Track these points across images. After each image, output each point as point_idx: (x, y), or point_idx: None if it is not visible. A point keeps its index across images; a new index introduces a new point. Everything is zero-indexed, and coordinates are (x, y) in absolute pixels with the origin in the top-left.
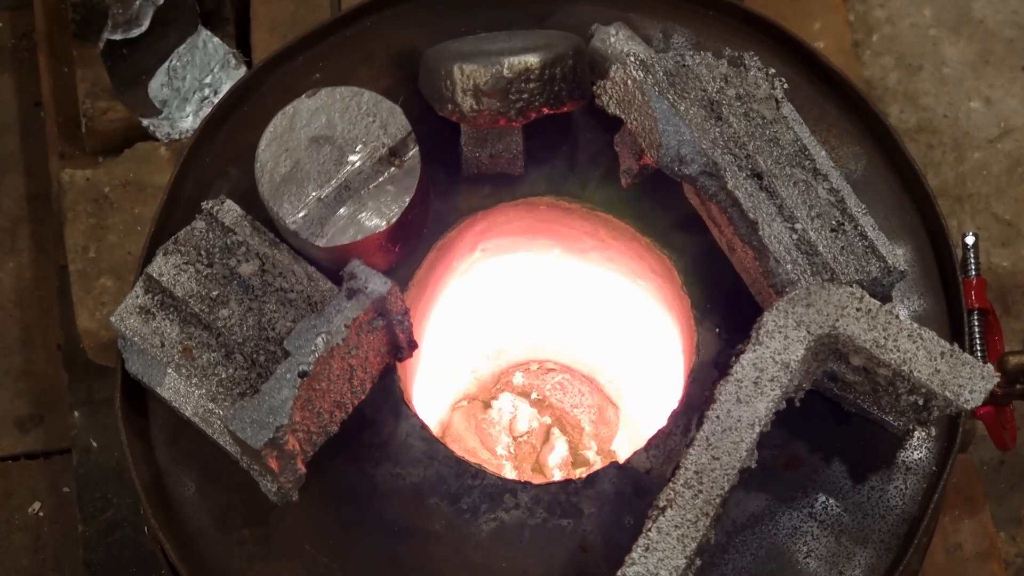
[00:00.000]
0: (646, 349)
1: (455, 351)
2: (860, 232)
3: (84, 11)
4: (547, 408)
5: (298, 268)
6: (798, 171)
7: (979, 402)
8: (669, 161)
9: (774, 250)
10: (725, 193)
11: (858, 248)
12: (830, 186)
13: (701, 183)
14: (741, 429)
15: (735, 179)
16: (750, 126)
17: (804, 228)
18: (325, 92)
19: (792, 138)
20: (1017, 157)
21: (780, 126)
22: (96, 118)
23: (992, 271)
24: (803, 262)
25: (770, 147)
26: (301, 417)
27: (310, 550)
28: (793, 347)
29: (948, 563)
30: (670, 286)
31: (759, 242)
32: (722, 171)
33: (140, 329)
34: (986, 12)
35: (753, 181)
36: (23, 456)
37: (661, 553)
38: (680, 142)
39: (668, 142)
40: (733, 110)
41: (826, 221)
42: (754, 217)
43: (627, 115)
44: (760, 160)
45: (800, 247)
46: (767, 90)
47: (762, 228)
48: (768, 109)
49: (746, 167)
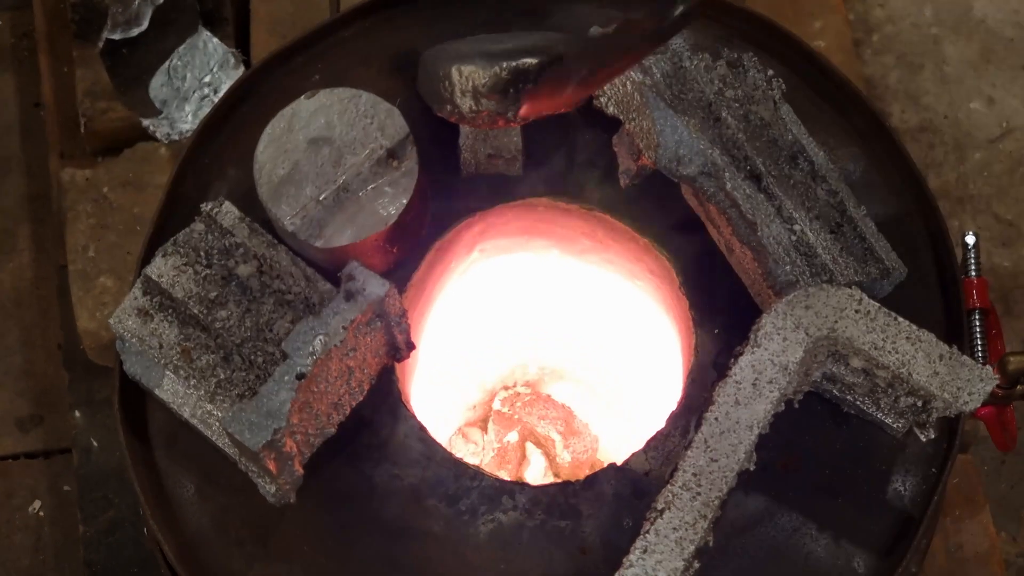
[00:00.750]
0: (644, 350)
1: (454, 352)
2: (859, 234)
3: (84, 11)
4: (516, 423)
5: (296, 269)
6: (797, 172)
7: (978, 404)
8: (667, 162)
9: (773, 251)
10: (724, 194)
11: (857, 250)
12: (829, 187)
13: (699, 184)
14: (740, 431)
15: (734, 180)
16: (749, 128)
17: (803, 229)
18: (324, 93)
19: (791, 139)
20: (1018, 157)
21: (779, 127)
22: (96, 118)
23: (993, 271)
24: (802, 263)
25: (769, 148)
26: (299, 419)
27: (308, 551)
28: (791, 349)
29: (949, 563)
30: (668, 287)
31: (758, 243)
32: (721, 172)
33: (138, 330)
34: (987, 11)
35: (752, 182)
36: (23, 456)
37: (659, 555)
38: (678, 143)
39: (666, 143)
40: (732, 111)
41: (825, 222)
42: (753, 218)
43: (625, 116)
44: (759, 161)
45: (799, 248)
46: (765, 91)
47: (761, 229)
48: (766, 110)
49: (744, 168)
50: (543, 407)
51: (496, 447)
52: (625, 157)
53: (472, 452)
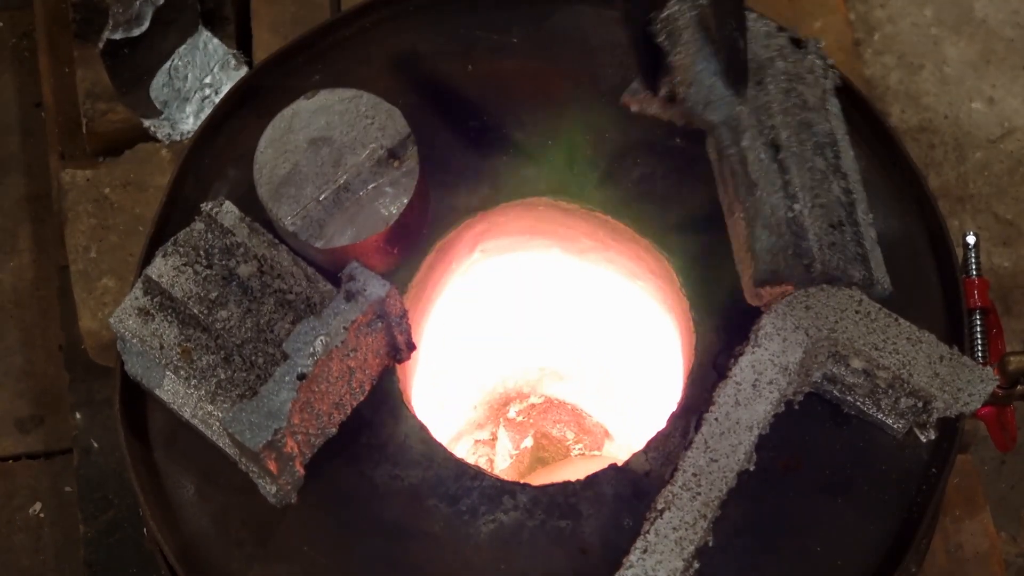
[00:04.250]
0: (645, 350)
1: (455, 352)
2: (857, 238)
3: (85, 11)
4: (529, 427)
5: (297, 270)
6: (819, 160)
7: (978, 406)
8: (695, 102)
9: (764, 216)
10: (737, 148)
11: (849, 251)
12: (846, 186)
13: (719, 133)
14: (740, 431)
15: (752, 141)
16: (786, 101)
17: (802, 211)
18: (324, 94)
19: (827, 130)
20: (1018, 157)
21: (819, 114)
22: (97, 119)
23: (993, 271)
24: (788, 238)
25: (799, 128)
26: (300, 419)
27: (309, 552)
28: (792, 350)
29: (949, 563)
30: (669, 287)
31: (753, 205)
32: (742, 128)
33: (139, 331)
34: (987, 11)
35: (770, 150)
36: (24, 456)
37: (659, 555)
38: (711, 88)
39: (701, 81)
40: (776, 81)
41: (828, 215)
42: (755, 179)
43: (673, 48)
44: (783, 134)
45: (790, 226)
46: (818, 78)
47: (759, 192)
48: (812, 95)
49: (767, 135)
50: (556, 412)
51: (513, 454)
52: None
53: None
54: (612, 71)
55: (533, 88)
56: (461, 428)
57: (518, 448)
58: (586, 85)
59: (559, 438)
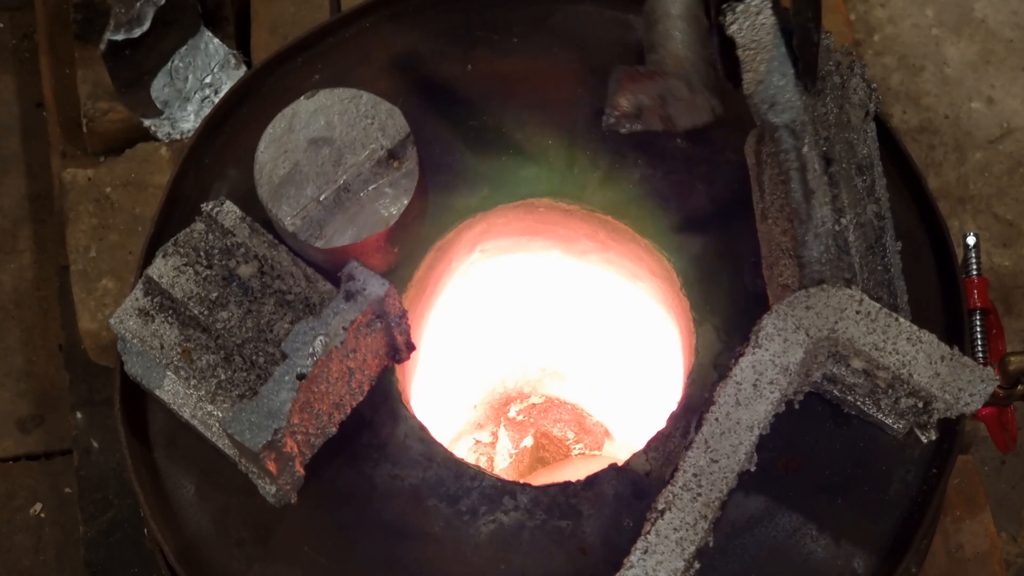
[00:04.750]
0: (645, 350)
1: (454, 352)
2: (886, 264)
3: (86, 11)
4: (529, 426)
5: (297, 270)
6: (859, 182)
7: (979, 406)
8: (761, 100)
9: (815, 224)
10: (796, 154)
11: (879, 275)
12: (878, 211)
13: (779, 136)
14: (740, 431)
15: (812, 149)
16: (840, 117)
17: (847, 226)
18: (324, 94)
19: (865, 152)
20: (1018, 158)
21: (859, 136)
22: (97, 118)
23: (993, 271)
24: (835, 250)
25: (846, 147)
26: (299, 419)
27: (309, 552)
28: (792, 350)
29: (949, 564)
30: (669, 288)
31: (806, 212)
32: (804, 134)
33: (139, 331)
34: (987, 12)
35: (824, 163)
36: (24, 457)
37: (660, 556)
38: (780, 88)
39: (771, 81)
40: (833, 95)
41: (865, 235)
42: (813, 187)
43: (743, 42)
44: (836, 148)
45: (836, 239)
46: (863, 99)
47: (816, 199)
48: (856, 116)
49: (822, 147)
50: (557, 412)
51: (513, 453)
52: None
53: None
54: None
55: (533, 88)
56: (461, 428)
57: (518, 448)
58: (586, 85)
59: (559, 438)
